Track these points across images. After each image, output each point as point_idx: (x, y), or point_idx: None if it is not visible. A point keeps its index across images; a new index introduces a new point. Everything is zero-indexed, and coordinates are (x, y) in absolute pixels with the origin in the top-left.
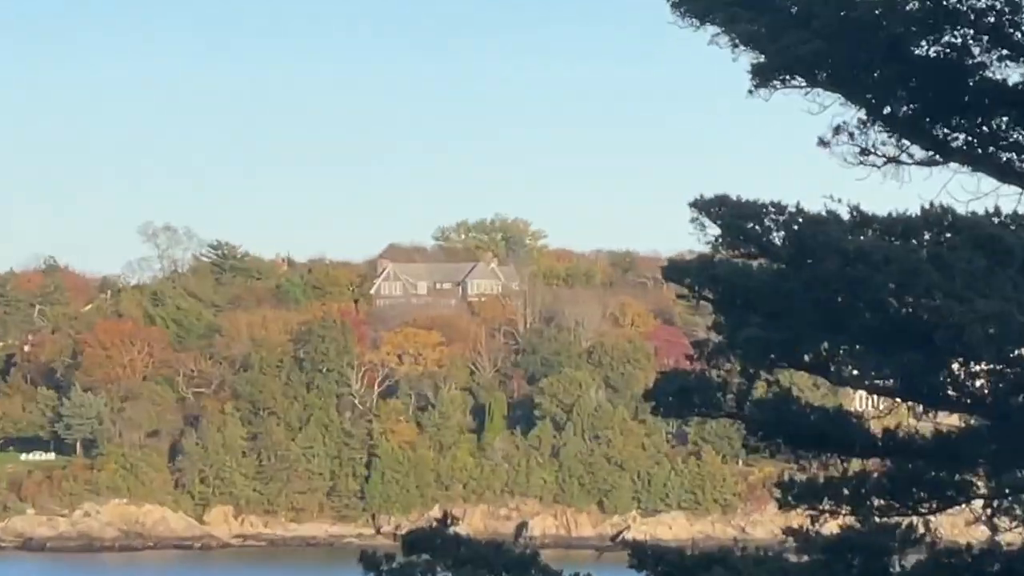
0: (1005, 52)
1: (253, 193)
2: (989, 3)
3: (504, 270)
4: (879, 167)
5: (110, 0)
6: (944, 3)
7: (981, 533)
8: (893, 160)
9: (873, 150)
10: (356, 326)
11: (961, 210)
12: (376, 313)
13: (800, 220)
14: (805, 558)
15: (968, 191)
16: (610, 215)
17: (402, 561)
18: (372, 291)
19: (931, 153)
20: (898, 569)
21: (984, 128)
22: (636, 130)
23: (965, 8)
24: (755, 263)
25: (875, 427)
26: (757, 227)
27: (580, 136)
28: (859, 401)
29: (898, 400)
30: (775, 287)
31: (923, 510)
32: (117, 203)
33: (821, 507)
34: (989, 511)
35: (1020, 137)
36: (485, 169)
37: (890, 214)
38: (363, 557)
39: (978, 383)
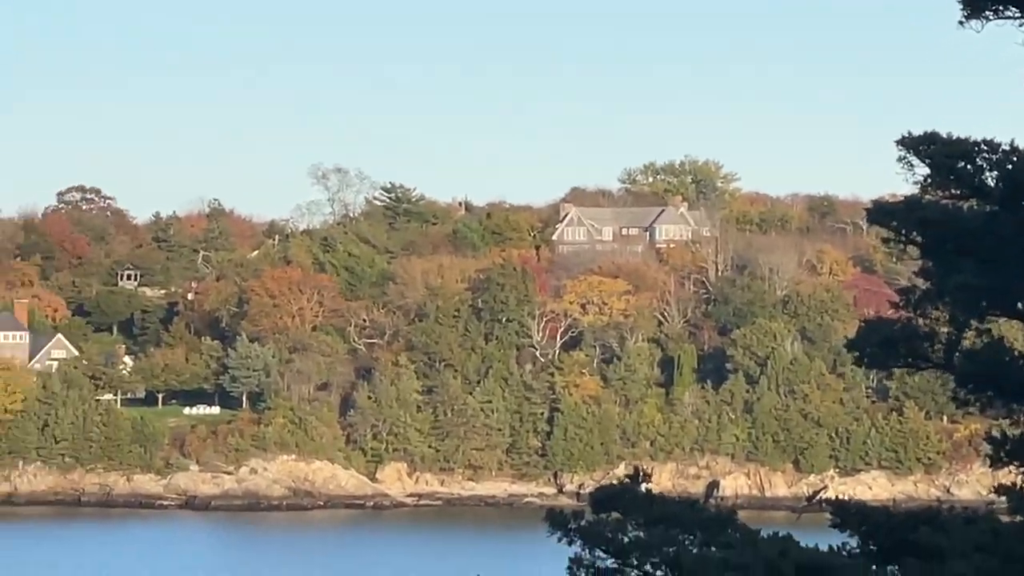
0: None
1: (429, 134)
2: None
3: (694, 215)
4: None
5: None
6: None
7: None
8: None
9: None
10: (537, 273)
11: None
12: (558, 260)
13: (1015, 159)
14: (1019, 518)
15: None
16: (807, 157)
17: (590, 519)
18: (554, 237)
19: None
20: None
21: None
22: (833, 67)
23: None
24: (966, 205)
25: None
26: (969, 166)
27: (774, 75)
28: None
29: None
30: (988, 230)
31: None
32: (285, 144)
33: None
34: None
35: None
36: (674, 109)
37: None
38: (549, 516)
39: None
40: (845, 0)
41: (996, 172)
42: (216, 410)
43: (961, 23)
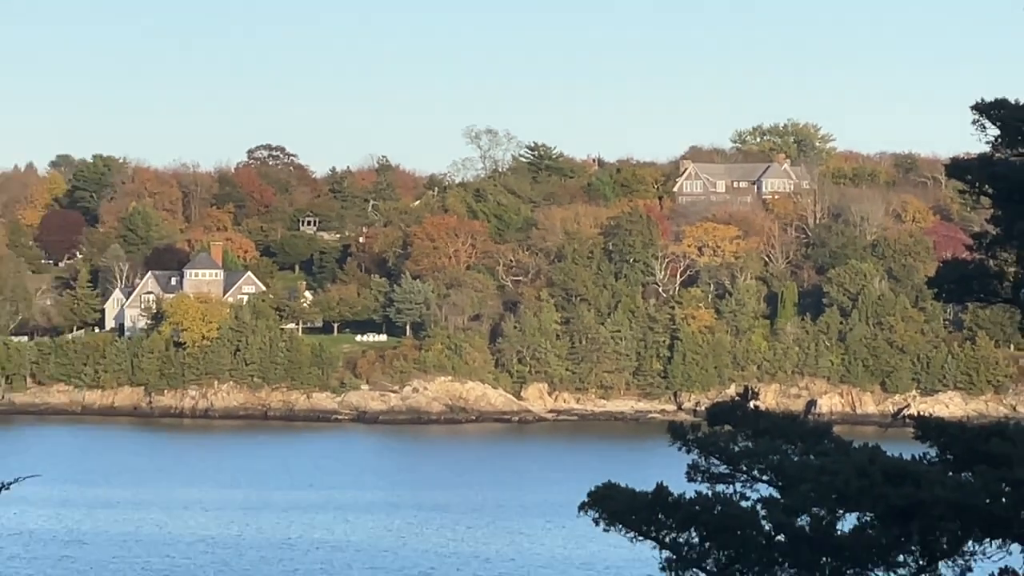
0: None
1: (567, 99)
2: None
3: (795, 170)
4: None
5: None
6: None
7: None
8: None
9: None
10: (660, 221)
11: None
12: (678, 209)
13: None
14: None
15: None
16: (893, 119)
17: (706, 431)
18: (675, 189)
19: None
20: None
21: None
22: (917, 40)
23: None
24: None
25: None
26: None
27: (867, 45)
28: None
29: None
30: None
31: None
32: (443, 106)
33: None
34: None
35: None
36: (780, 76)
37: None
38: (671, 428)
39: None
40: None
41: None
42: (383, 337)
43: None
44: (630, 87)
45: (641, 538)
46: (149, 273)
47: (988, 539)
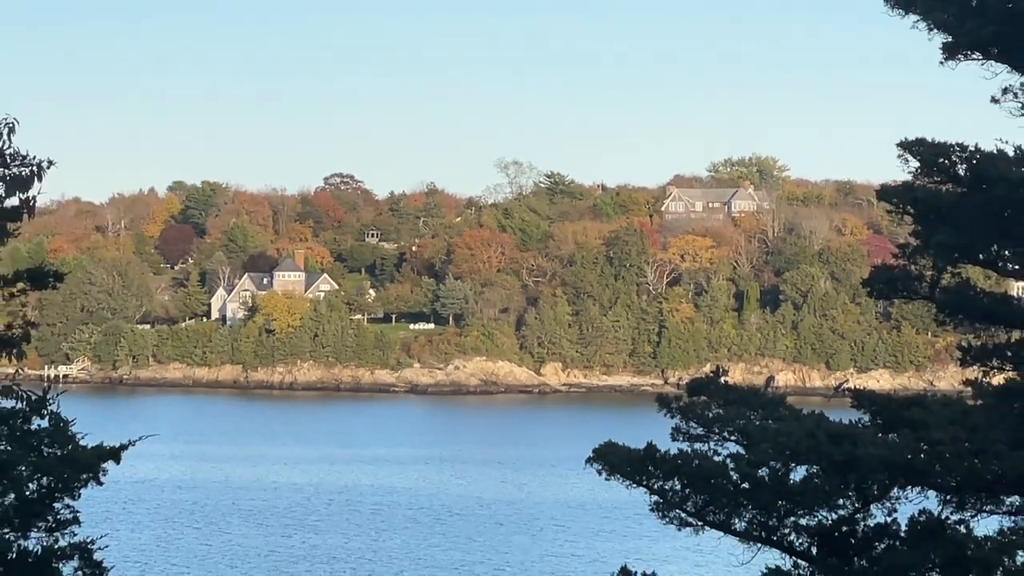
0: None
1: (577, 135)
2: None
3: (758, 194)
4: None
5: None
6: None
7: None
8: None
9: None
10: (650, 234)
11: None
12: (665, 224)
13: (977, 156)
14: (979, 402)
15: None
16: (836, 153)
17: (686, 401)
18: (662, 208)
19: None
20: None
21: None
22: (857, 89)
23: None
24: (944, 188)
25: None
26: (946, 161)
27: (816, 93)
28: (1018, 289)
29: None
30: (958, 205)
31: None
32: (480, 142)
33: (991, 364)
34: None
35: None
36: (746, 118)
37: None
38: (659, 399)
39: None
40: (856, 34)
41: (965, 165)
42: (431, 326)
43: (941, 63)
44: (627, 127)
45: (635, 486)
46: (246, 275)
47: (909, 487)
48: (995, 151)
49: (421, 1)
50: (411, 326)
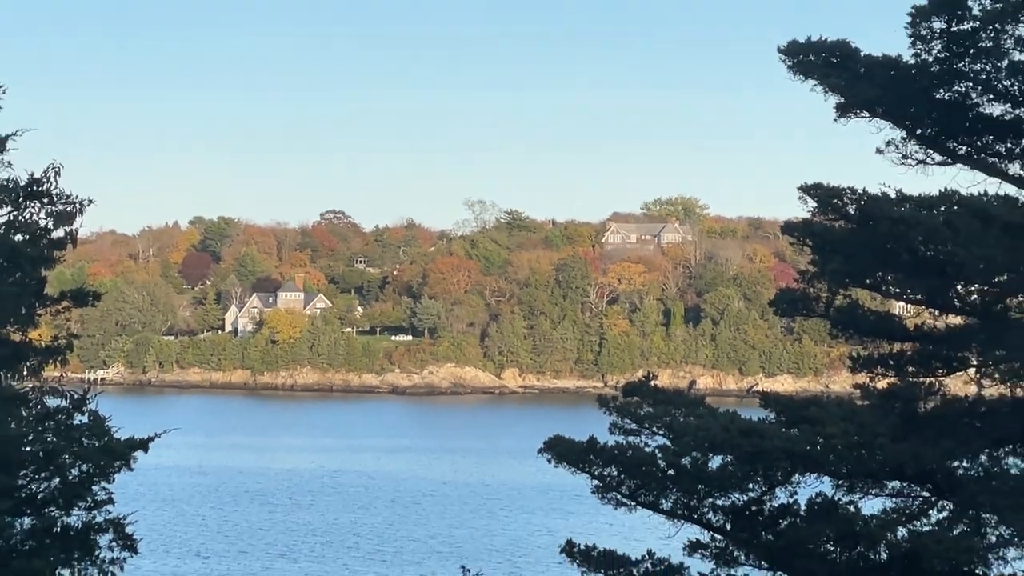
0: (991, 96)
1: (532, 177)
2: (982, 67)
3: (682, 228)
4: (913, 166)
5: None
6: (954, 66)
7: (972, 389)
8: (922, 162)
9: (910, 156)
10: (592, 261)
11: (964, 192)
12: (605, 253)
13: (865, 198)
14: (866, 403)
15: (968, 181)
16: (748, 194)
17: (622, 401)
18: (602, 240)
19: (945, 158)
20: (923, 410)
21: (978, 143)
22: (765, 142)
23: (967, 69)
24: (837, 224)
25: (909, 324)
26: (839, 202)
27: (734, 141)
28: (900, 308)
29: (923, 307)
30: (849, 239)
31: (939, 374)
32: (451, 183)
33: (876, 371)
34: (978, 375)
35: (1001, 148)
36: (672, 163)
37: (920, 194)
38: (599, 399)
39: (973, 297)
40: (749, 100)
41: (855, 205)
42: (409, 337)
43: (835, 120)
44: (574, 171)
45: (578, 472)
46: (254, 294)
47: (808, 473)
48: (880, 194)
49: (400, 69)
50: (392, 337)
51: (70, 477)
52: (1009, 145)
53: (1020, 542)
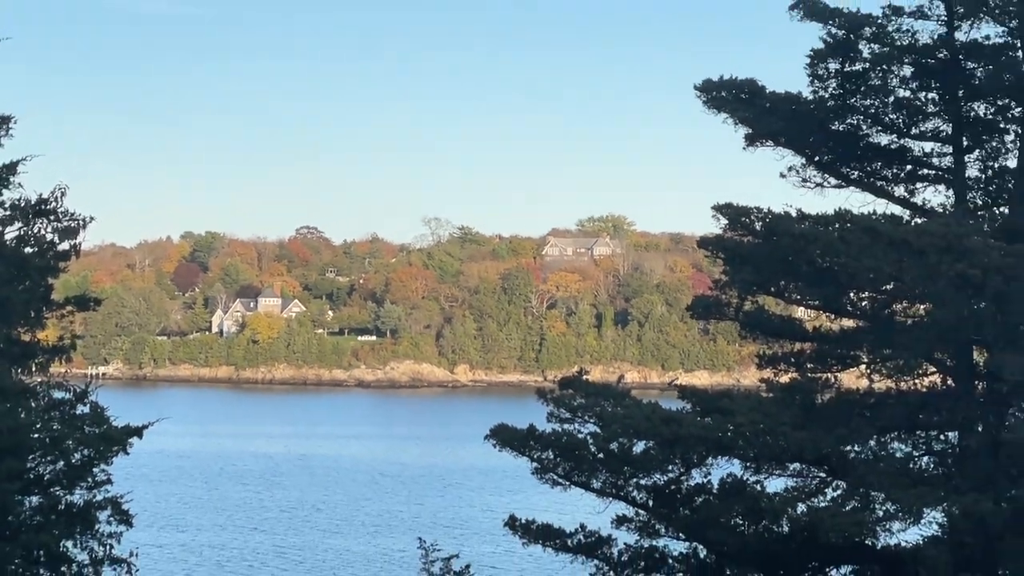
0: (880, 128)
1: (481, 196)
2: (871, 102)
3: (612, 242)
4: (812, 189)
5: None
6: (847, 102)
7: (863, 383)
8: (819, 185)
9: (809, 180)
10: (534, 271)
11: (856, 212)
12: (545, 264)
13: (770, 216)
14: (771, 395)
15: (859, 202)
16: (670, 212)
17: (558, 393)
18: (543, 253)
19: (840, 182)
20: (820, 402)
21: (868, 168)
22: (685, 167)
23: (858, 104)
24: (746, 239)
25: (808, 326)
26: (747, 219)
27: (657, 167)
28: (800, 312)
29: (821, 312)
30: (756, 252)
31: (834, 370)
32: (411, 203)
33: (779, 368)
34: (868, 371)
35: (888, 173)
36: (604, 184)
37: (817, 213)
38: (538, 392)
39: (863, 303)
40: (698, 134)
41: (761, 223)
42: (374, 337)
43: (744, 148)
44: (519, 191)
45: (520, 455)
46: (238, 300)
47: (720, 456)
48: (783, 212)
49: (363, 101)
50: (358, 338)
51: (73, 460)
52: (895, 170)
53: (904, 516)
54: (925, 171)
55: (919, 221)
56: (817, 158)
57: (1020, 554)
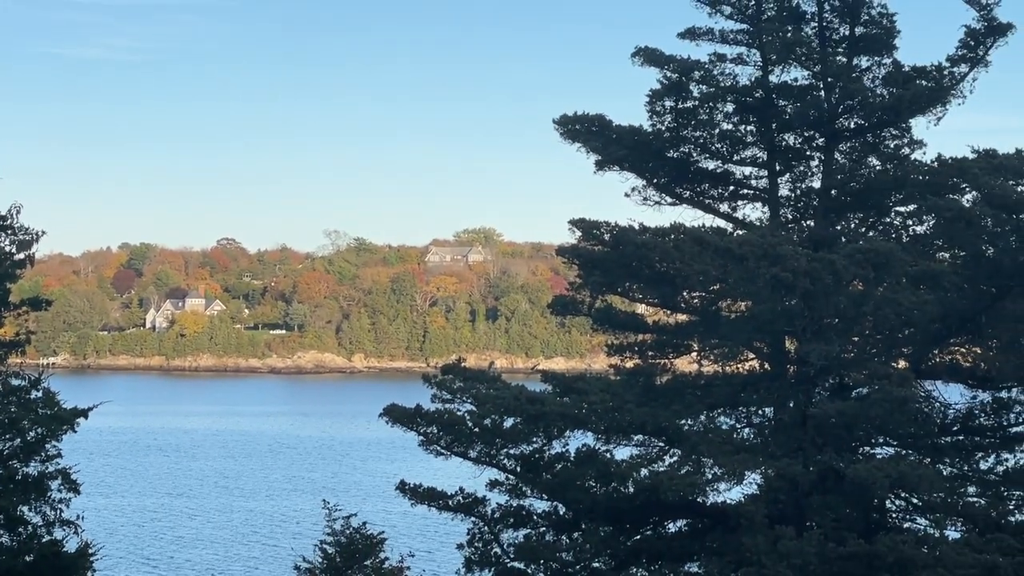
0: (707, 155)
1: (374, 210)
2: (700, 134)
3: (484, 250)
4: (651, 206)
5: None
6: (680, 133)
7: (694, 367)
8: (657, 203)
9: (649, 199)
10: (418, 275)
11: (688, 225)
12: (427, 269)
13: (616, 229)
14: (618, 378)
15: (691, 217)
16: (534, 224)
17: (440, 378)
18: (426, 259)
19: (674, 200)
20: (659, 383)
21: (698, 189)
22: (552, 188)
23: (690, 136)
24: (597, 248)
25: (649, 320)
26: (598, 231)
27: (527, 187)
28: (642, 308)
29: (659, 308)
30: (605, 258)
31: (671, 356)
32: (314, 217)
33: (625, 355)
34: (699, 357)
35: (715, 193)
36: (482, 203)
37: (656, 226)
38: (424, 376)
39: (694, 301)
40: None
41: (609, 234)
42: (283, 331)
43: (594, 172)
44: (405, 207)
45: (408, 430)
46: (168, 300)
47: (576, 430)
48: (627, 226)
49: (274, 129)
50: (271, 332)
51: (28, 438)
52: (720, 191)
53: (729, 478)
54: (745, 191)
55: (740, 233)
56: (656, 180)
57: (824, 509)
